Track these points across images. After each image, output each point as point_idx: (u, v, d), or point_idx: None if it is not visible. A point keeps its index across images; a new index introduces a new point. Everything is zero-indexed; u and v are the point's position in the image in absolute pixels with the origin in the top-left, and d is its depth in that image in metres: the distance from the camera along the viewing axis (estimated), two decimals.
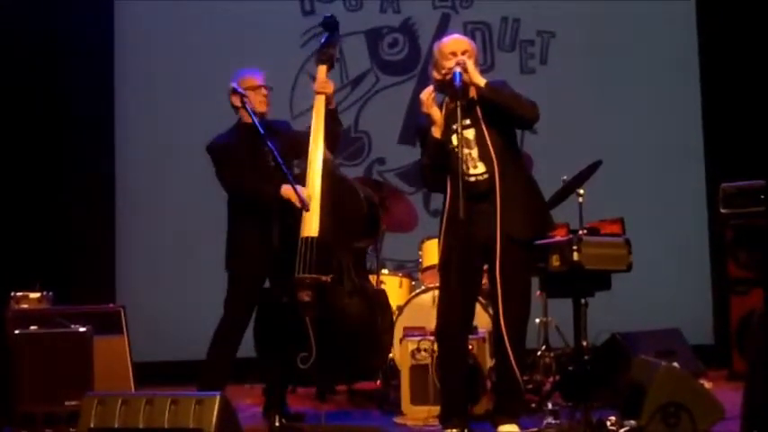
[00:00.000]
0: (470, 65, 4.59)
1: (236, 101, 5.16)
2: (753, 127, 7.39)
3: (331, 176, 5.11)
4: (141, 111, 7.72)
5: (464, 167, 4.57)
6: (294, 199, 4.89)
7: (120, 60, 7.74)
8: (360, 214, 5.12)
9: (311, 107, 7.13)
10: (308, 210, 4.90)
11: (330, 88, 5.17)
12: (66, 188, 7.46)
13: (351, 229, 5.13)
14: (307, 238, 4.98)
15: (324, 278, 4.92)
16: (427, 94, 4.65)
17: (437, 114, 4.64)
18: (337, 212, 5.08)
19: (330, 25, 5.25)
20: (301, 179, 5.04)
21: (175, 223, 7.53)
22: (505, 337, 4.49)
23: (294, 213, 4.97)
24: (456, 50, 4.67)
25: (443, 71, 4.66)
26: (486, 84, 4.59)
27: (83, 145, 7.56)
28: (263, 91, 5.28)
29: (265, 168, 5.04)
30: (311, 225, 5.00)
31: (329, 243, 5.00)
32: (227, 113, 5.35)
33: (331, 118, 5.15)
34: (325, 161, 5.11)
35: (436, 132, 4.64)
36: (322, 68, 5.20)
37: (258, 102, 5.26)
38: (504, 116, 4.60)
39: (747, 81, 7.55)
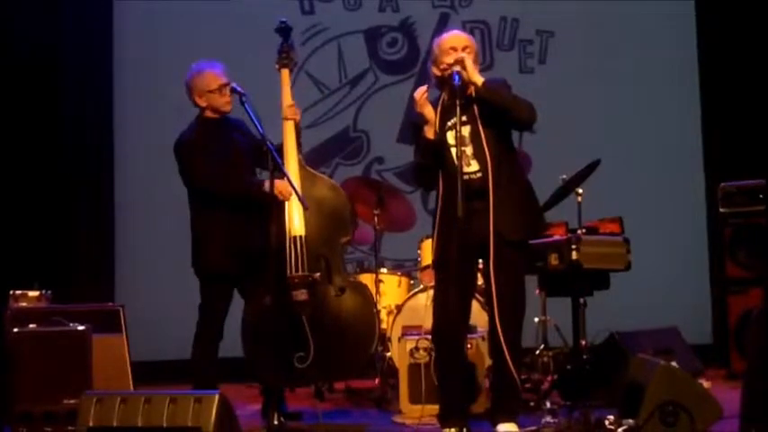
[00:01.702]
0: (469, 63, 4.56)
1: (228, 105, 5.10)
2: (752, 127, 7.40)
3: (309, 176, 5.16)
4: (140, 110, 7.72)
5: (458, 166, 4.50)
6: (288, 192, 4.87)
7: (120, 58, 7.75)
8: (344, 210, 5.18)
9: (309, 106, 7.20)
10: (306, 207, 4.90)
11: (297, 115, 5.19)
12: (65, 187, 7.46)
13: (336, 226, 5.17)
14: (294, 237, 5.01)
15: (314, 276, 4.95)
16: (420, 93, 4.61)
17: (430, 114, 4.61)
18: (321, 210, 5.11)
19: (283, 31, 5.28)
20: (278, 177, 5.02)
21: (174, 222, 7.45)
22: (501, 337, 4.48)
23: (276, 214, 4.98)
24: (456, 46, 4.63)
25: (442, 66, 4.64)
26: (484, 83, 4.56)
27: (82, 144, 7.57)
28: (227, 90, 5.06)
29: (235, 164, 5.02)
30: (297, 224, 5.02)
31: (316, 241, 5.04)
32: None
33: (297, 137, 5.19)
34: (299, 161, 5.14)
35: (429, 133, 4.61)
36: (285, 72, 5.24)
37: (224, 103, 5.08)
38: (500, 116, 4.58)
39: (746, 80, 7.55)
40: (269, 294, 4.81)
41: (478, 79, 4.55)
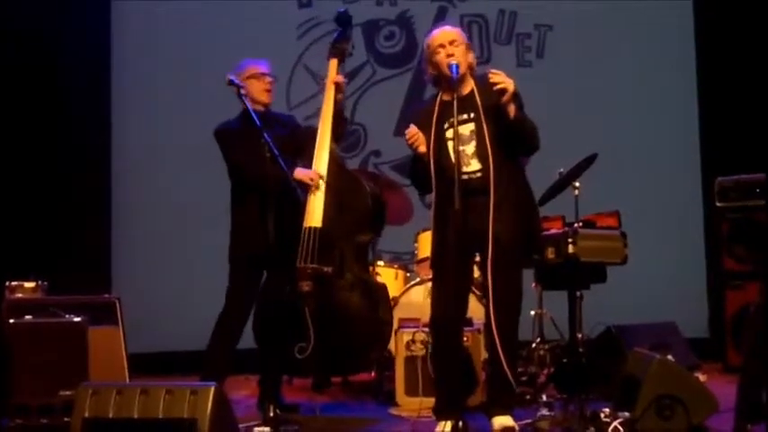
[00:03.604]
0: (512, 89, 4.42)
1: (264, 95, 5.17)
2: (749, 121, 7.39)
3: (337, 168, 5.13)
4: (139, 102, 7.72)
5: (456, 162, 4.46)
6: (307, 179, 4.95)
7: (118, 50, 7.74)
8: (364, 208, 5.15)
9: (307, 99, 7.23)
10: (299, 199, 4.90)
11: (342, 81, 5.20)
12: (62, 178, 7.46)
13: (354, 222, 5.14)
14: (310, 228, 5.01)
15: (325, 269, 4.95)
16: (412, 133, 4.54)
17: (424, 149, 4.57)
18: (342, 205, 5.09)
19: (343, 20, 5.27)
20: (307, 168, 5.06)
21: (172, 214, 7.53)
22: (495, 333, 4.47)
23: (295, 203, 4.97)
24: (444, 42, 4.62)
25: (436, 66, 4.62)
26: (516, 115, 4.47)
27: (79, 136, 7.56)
28: (267, 79, 5.25)
29: (261, 156, 5.01)
30: (315, 215, 5.01)
31: (332, 234, 5.02)
32: (223, 106, 5.33)
33: (339, 115, 5.19)
34: (331, 152, 5.12)
35: (421, 163, 4.61)
36: (333, 62, 5.26)
37: (261, 90, 5.23)
38: (510, 134, 4.54)
39: (743, 75, 7.54)
40: (285, 282, 4.89)
41: (512, 111, 4.47)
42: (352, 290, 5.07)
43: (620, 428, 4.30)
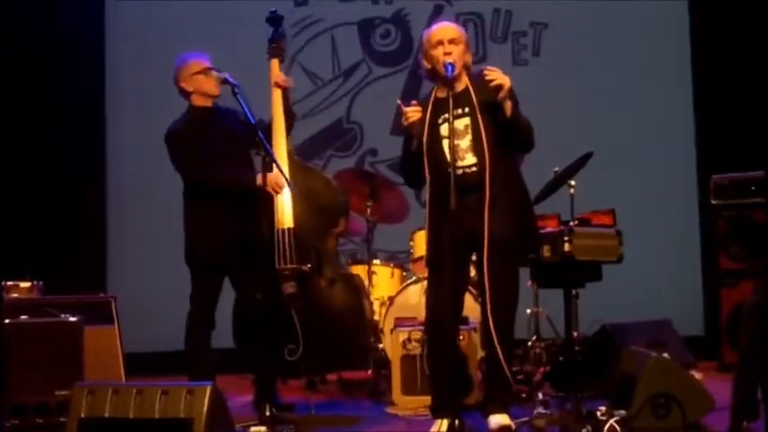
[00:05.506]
0: (507, 86, 4.39)
1: (216, 88, 5.09)
2: (744, 119, 7.40)
3: (296, 165, 5.15)
4: (133, 99, 7.71)
5: (450, 159, 4.45)
6: (281, 185, 4.87)
7: (112, 50, 7.75)
8: (334, 201, 5.17)
9: (304, 97, 7.21)
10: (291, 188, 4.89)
11: (289, 83, 5.20)
12: (57, 178, 7.45)
13: (326, 217, 5.16)
14: (282, 229, 5.00)
15: (303, 267, 4.95)
16: (413, 109, 4.54)
17: (418, 115, 4.56)
18: (310, 201, 5.09)
19: (274, 20, 5.27)
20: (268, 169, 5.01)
21: (167, 213, 7.45)
22: (492, 330, 4.47)
23: (255, 203, 4.93)
24: (443, 39, 4.58)
25: (432, 60, 4.60)
26: (512, 114, 4.47)
27: (75, 136, 7.56)
28: (214, 73, 5.08)
29: (229, 152, 4.97)
30: (285, 216, 5.01)
31: (305, 232, 5.03)
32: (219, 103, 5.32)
33: (287, 113, 5.19)
34: (289, 153, 5.13)
35: (413, 145, 4.59)
36: (274, 62, 5.24)
37: (213, 85, 5.08)
38: (506, 128, 4.54)
39: (739, 73, 7.54)
40: (262, 287, 4.81)
41: (508, 109, 4.46)
42: (333, 284, 5.11)
43: (616, 427, 4.31)
